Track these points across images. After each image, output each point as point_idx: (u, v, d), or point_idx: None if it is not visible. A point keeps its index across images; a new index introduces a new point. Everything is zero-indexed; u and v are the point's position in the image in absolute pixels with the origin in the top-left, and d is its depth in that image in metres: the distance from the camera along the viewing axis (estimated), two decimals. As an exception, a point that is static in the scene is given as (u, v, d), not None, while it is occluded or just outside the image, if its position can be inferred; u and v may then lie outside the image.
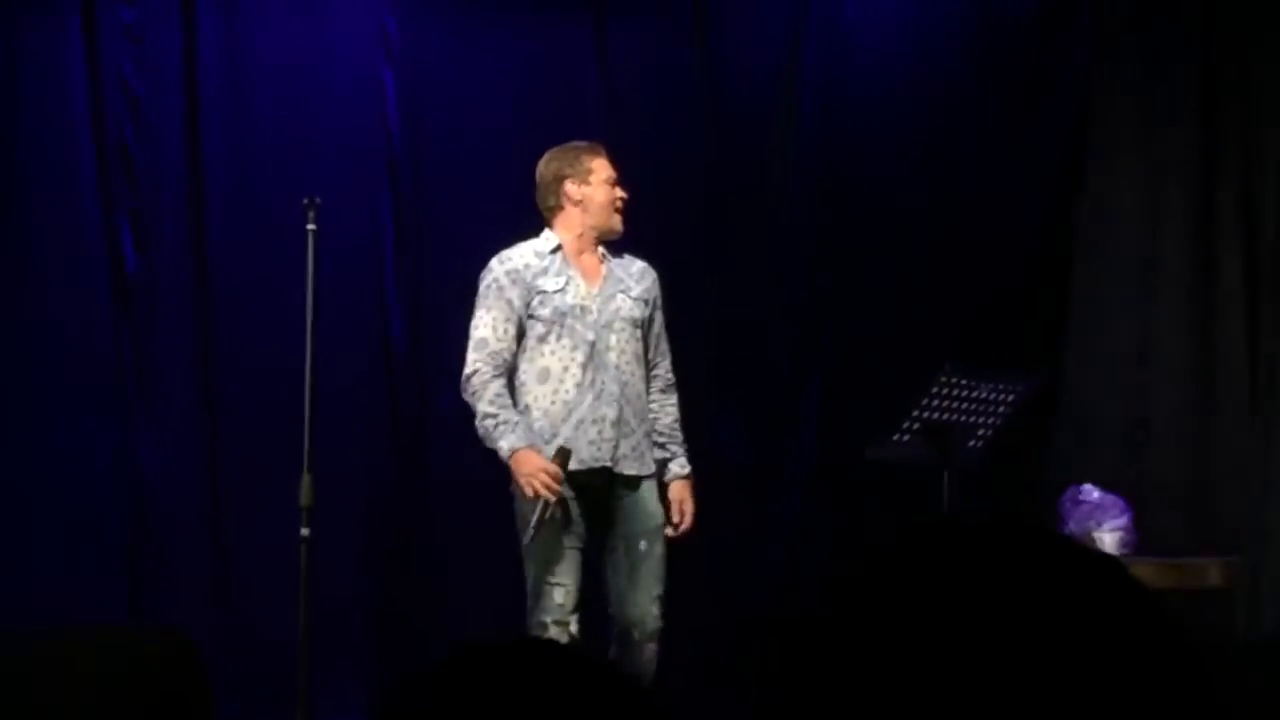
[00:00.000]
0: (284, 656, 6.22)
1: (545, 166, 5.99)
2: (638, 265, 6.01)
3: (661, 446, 5.97)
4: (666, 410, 6.01)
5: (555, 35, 7.45)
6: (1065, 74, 7.59)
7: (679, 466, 5.98)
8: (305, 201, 6.07)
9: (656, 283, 6.02)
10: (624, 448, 5.79)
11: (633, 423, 5.83)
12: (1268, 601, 6.24)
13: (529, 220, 6.01)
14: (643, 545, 5.78)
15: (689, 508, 5.91)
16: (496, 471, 5.89)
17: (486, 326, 5.79)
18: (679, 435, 6.00)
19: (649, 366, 5.97)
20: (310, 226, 6.05)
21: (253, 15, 7.19)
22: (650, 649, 5.72)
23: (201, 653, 2.29)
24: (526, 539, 5.69)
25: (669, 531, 5.85)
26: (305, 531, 5.98)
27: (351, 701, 6.88)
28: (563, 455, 5.65)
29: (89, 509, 6.93)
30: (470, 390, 5.75)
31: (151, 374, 7.06)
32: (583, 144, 6.02)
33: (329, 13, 7.26)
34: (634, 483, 5.83)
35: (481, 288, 5.83)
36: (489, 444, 5.72)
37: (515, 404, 5.79)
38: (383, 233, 7.24)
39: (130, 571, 6.99)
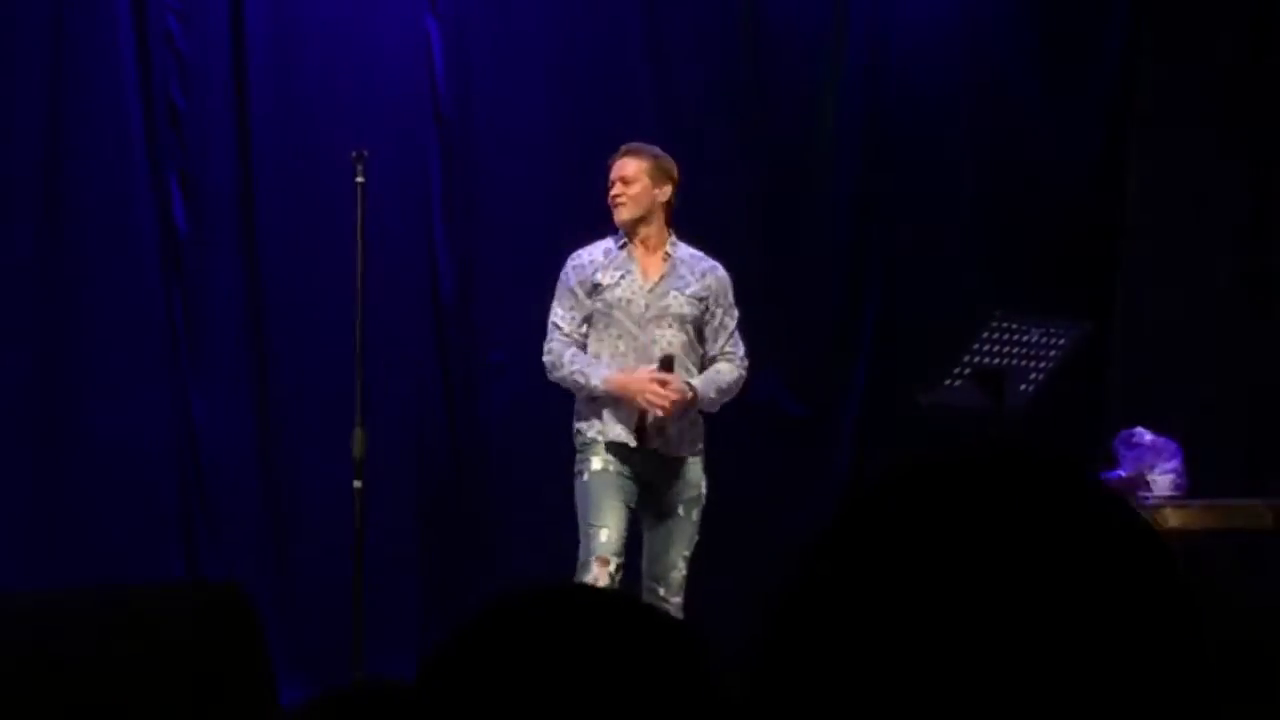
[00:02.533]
0: (338, 608, 6.26)
1: (668, 164, 6.14)
2: (705, 264, 6.15)
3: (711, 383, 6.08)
4: (716, 365, 6.11)
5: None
6: (1113, 24, 7.54)
7: (692, 378, 6.02)
8: (354, 154, 6.08)
9: (722, 281, 6.13)
10: (670, 430, 5.95)
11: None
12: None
13: (573, 172, 6.03)
14: (680, 511, 6.01)
15: (670, 378, 5.90)
16: (548, 427, 5.92)
17: (558, 315, 6.09)
18: (710, 374, 6.06)
19: (709, 357, 6.11)
20: (359, 179, 6.06)
21: (297, -29, 7.20)
22: (675, 603, 5.91)
23: (257, 606, 2.30)
24: (584, 478, 5.95)
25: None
26: (358, 484, 6.01)
27: (405, 651, 6.91)
28: (665, 362, 5.89)
29: (144, 467, 6.97)
30: (551, 366, 6.04)
31: (202, 331, 7.09)
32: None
33: (373, -34, 7.25)
34: (679, 463, 6.01)
35: (558, 283, 6.09)
36: (587, 393, 5.97)
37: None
38: (430, 185, 7.25)
39: (185, 527, 7.03)
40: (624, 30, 7.40)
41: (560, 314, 6.10)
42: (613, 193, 6.07)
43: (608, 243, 6.12)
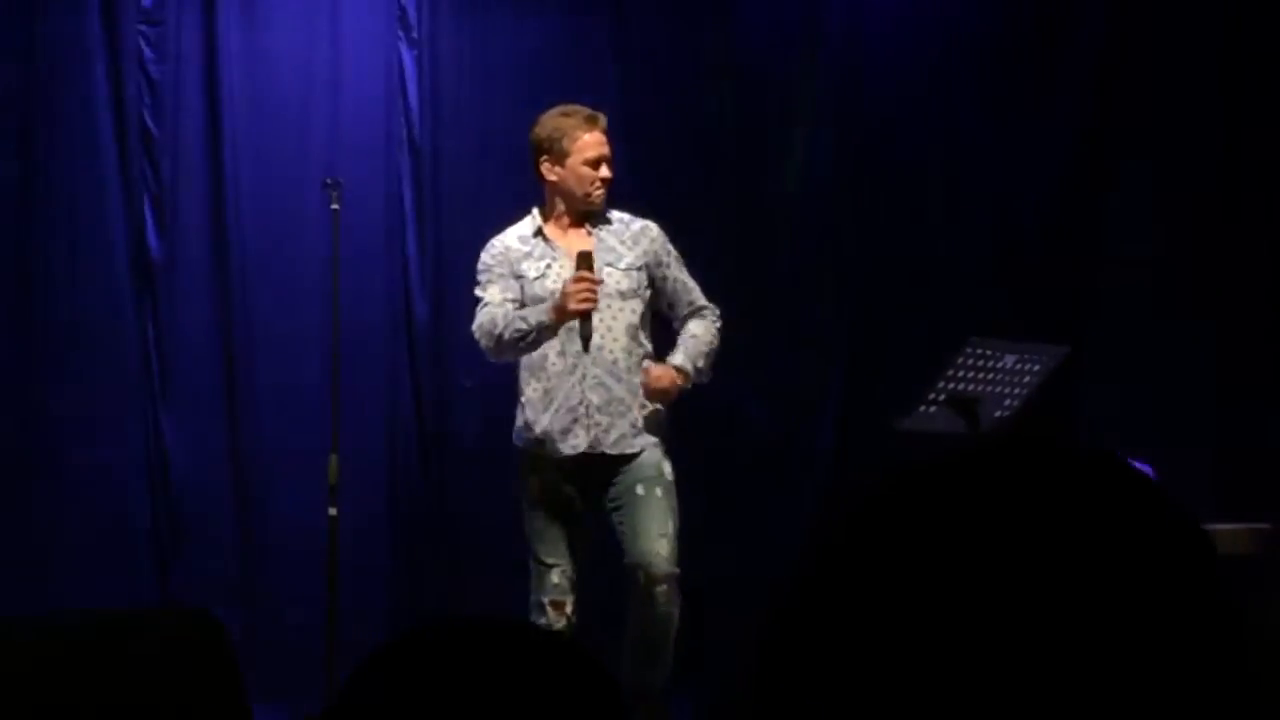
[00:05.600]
0: (312, 635, 6.24)
1: (531, 134, 5.82)
2: (635, 227, 5.82)
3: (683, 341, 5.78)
4: (687, 329, 5.81)
5: (574, 13, 7.44)
6: (1084, 36, 7.56)
7: (674, 358, 5.75)
8: (328, 182, 6.09)
9: (659, 239, 5.82)
10: (620, 427, 5.65)
11: (625, 398, 5.67)
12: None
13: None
14: (640, 490, 5.59)
15: (655, 374, 5.66)
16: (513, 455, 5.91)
17: (490, 294, 5.70)
18: (688, 343, 5.77)
19: (679, 319, 5.82)
20: (333, 206, 6.06)
21: (271, -3, 7.21)
22: (662, 592, 5.51)
23: (230, 633, 2.30)
24: (525, 505, 5.71)
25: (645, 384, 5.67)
26: (333, 511, 6.00)
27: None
28: (583, 258, 5.51)
29: (116, 492, 6.96)
30: (488, 333, 5.63)
31: (175, 356, 7.08)
32: (578, 112, 5.80)
33: (347, -7, 7.26)
34: (623, 460, 5.67)
35: (479, 275, 5.78)
36: (534, 337, 5.58)
37: (518, 397, 5.76)
38: (404, 213, 7.25)
39: (157, 553, 7.02)
40: (596, 58, 7.41)
41: (491, 294, 5.68)
42: (606, 176, 5.75)
43: (519, 228, 5.81)
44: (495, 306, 5.64)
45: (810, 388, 7.45)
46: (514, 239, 5.78)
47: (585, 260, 5.52)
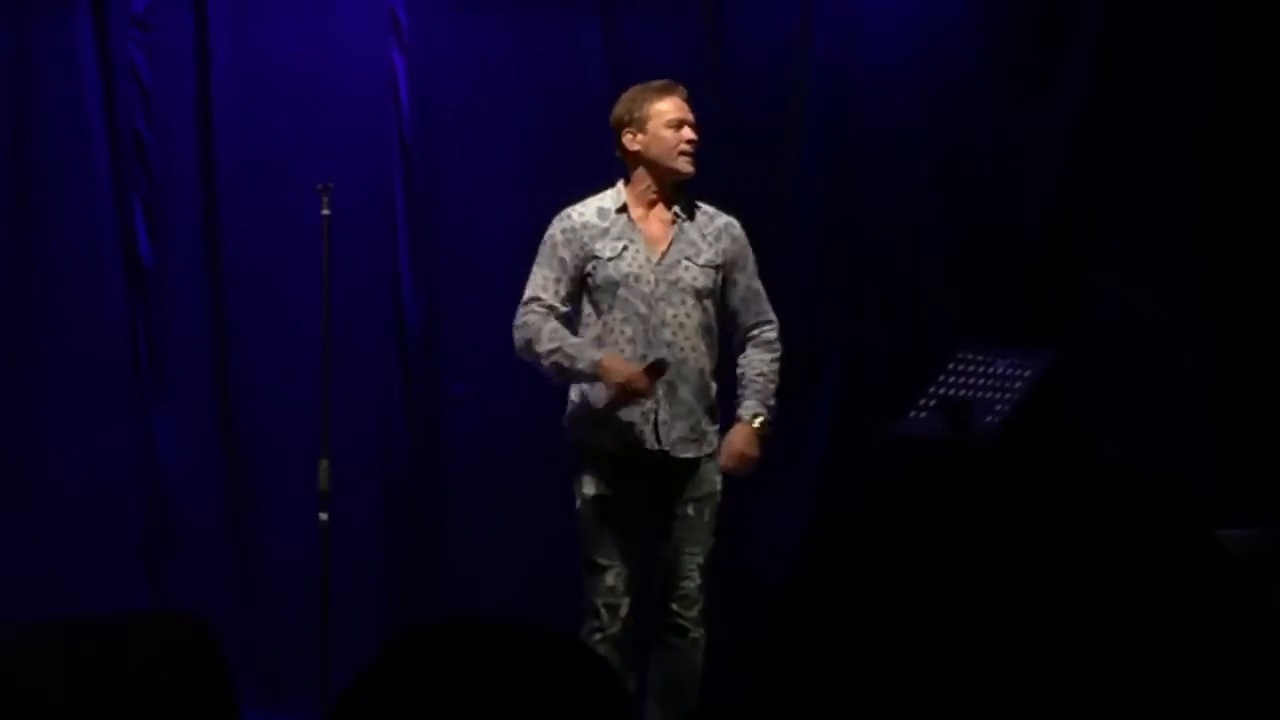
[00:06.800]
0: (304, 639, 6.24)
1: (612, 116, 5.63)
2: (719, 222, 5.65)
3: (739, 397, 5.60)
4: (753, 364, 5.62)
5: (564, 17, 7.43)
6: (1078, 45, 7.56)
7: (744, 410, 5.57)
8: (319, 187, 6.08)
9: (740, 239, 5.67)
10: (679, 429, 5.47)
11: (690, 400, 5.48)
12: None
13: (539, 203, 5.98)
14: (690, 510, 5.47)
15: (738, 449, 5.51)
16: (514, 457, 5.87)
17: (537, 284, 5.46)
18: (759, 385, 5.59)
19: (742, 329, 5.66)
20: (325, 211, 6.05)
21: (263, 2, 7.20)
22: (691, 616, 5.44)
23: (222, 638, 2.30)
24: (578, 504, 5.48)
25: (723, 462, 5.52)
26: (324, 516, 5.99)
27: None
28: (657, 367, 5.31)
29: (108, 497, 6.95)
30: (524, 342, 5.43)
31: (167, 361, 7.07)
32: (656, 83, 5.66)
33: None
34: (691, 465, 5.51)
35: (541, 246, 5.54)
36: (570, 379, 5.43)
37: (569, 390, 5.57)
38: (395, 217, 7.24)
39: (149, 558, 7.01)
40: (589, 63, 7.40)
41: (538, 282, 5.45)
42: (692, 138, 5.55)
43: (603, 200, 5.56)
44: (541, 320, 5.40)
45: (799, 399, 7.44)
46: (593, 212, 5.53)
47: (657, 370, 5.33)
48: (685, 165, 5.55)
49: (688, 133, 5.57)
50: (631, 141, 5.55)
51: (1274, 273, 7.19)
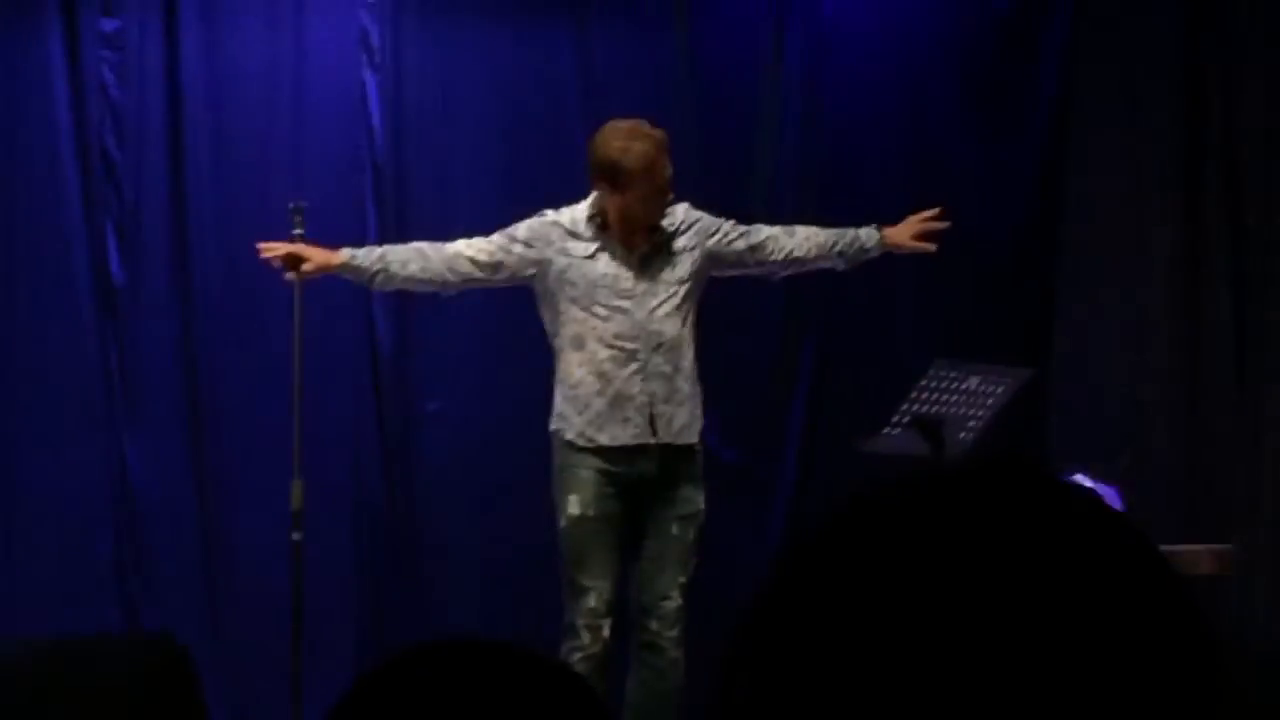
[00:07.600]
0: (276, 661, 6.22)
1: (591, 155, 5.60)
2: (678, 212, 5.72)
3: (834, 248, 5.87)
4: (806, 234, 5.91)
5: (536, 35, 7.44)
6: (1047, 61, 7.59)
7: (861, 232, 5.93)
8: (291, 206, 6.06)
9: (700, 221, 5.76)
10: (681, 417, 5.56)
11: (685, 388, 5.59)
12: (1259, 589, 6.24)
13: (512, 220, 5.97)
14: (674, 529, 5.51)
15: (911, 229, 5.96)
16: (487, 478, 5.86)
17: (466, 241, 5.73)
18: (829, 232, 5.90)
19: (762, 249, 5.83)
20: (296, 231, 6.04)
21: (234, 22, 7.19)
22: (670, 636, 5.48)
23: (194, 659, 2.29)
24: (562, 523, 5.50)
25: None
26: (296, 536, 5.98)
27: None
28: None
29: (79, 518, 6.93)
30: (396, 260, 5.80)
31: (138, 381, 7.05)
32: (642, 148, 5.54)
33: (310, 18, 7.24)
34: (684, 455, 5.57)
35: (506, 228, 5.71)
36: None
37: (555, 373, 5.63)
38: (367, 237, 7.23)
39: (121, 579, 6.98)
40: (562, 81, 7.41)
41: (477, 240, 5.68)
42: (670, 194, 5.63)
43: (575, 211, 5.66)
44: (439, 247, 5.68)
45: (772, 412, 7.44)
46: (568, 219, 5.62)
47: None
48: (659, 216, 5.63)
49: (667, 191, 5.62)
50: (611, 200, 5.58)
51: (1240, 292, 7.20)
